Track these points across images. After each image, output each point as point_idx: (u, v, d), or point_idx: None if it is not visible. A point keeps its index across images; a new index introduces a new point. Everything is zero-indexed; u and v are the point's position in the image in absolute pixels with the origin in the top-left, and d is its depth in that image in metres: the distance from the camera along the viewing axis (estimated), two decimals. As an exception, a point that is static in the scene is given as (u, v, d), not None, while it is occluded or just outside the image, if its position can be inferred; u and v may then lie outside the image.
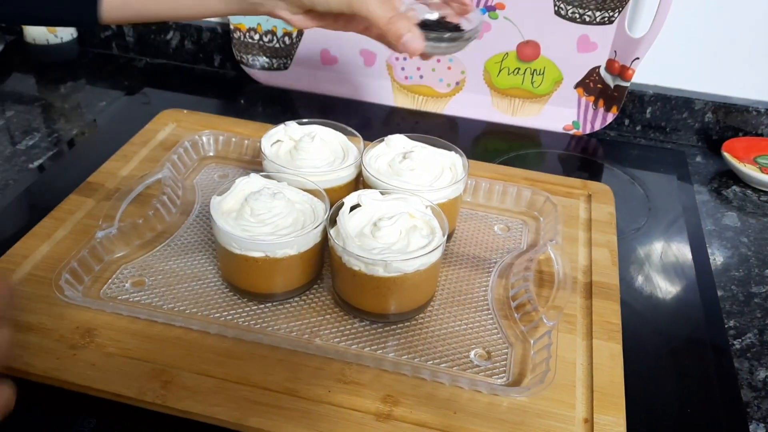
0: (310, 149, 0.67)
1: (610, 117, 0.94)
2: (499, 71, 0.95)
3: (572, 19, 0.89)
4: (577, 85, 0.95)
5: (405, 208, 0.59)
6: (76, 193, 0.71)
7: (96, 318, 0.57)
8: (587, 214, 0.75)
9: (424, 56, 0.58)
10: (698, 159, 0.93)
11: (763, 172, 0.86)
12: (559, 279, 0.62)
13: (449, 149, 0.69)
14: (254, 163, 0.80)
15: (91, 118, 0.92)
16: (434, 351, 0.57)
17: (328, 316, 0.59)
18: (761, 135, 0.94)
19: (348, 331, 0.58)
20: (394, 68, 0.98)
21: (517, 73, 0.95)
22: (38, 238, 0.65)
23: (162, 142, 0.82)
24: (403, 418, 0.50)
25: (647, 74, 0.95)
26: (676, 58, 0.93)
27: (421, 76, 0.98)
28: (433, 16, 0.60)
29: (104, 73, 1.05)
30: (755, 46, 0.90)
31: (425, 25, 0.56)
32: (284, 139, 0.70)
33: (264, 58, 1.01)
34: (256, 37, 1.00)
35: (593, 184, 0.79)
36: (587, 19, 0.88)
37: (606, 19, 0.88)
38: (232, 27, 0.99)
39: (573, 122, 0.97)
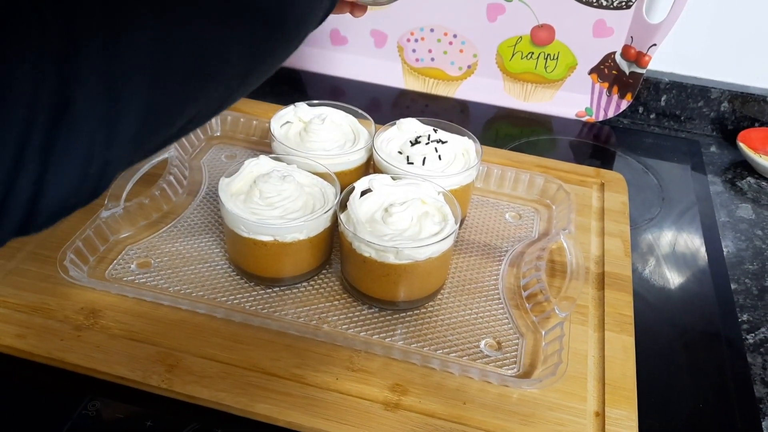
0: (320, 131, 0.65)
1: (624, 104, 0.92)
2: (512, 55, 0.93)
3: (589, 3, 0.87)
4: (591, 71, 0.93)
5: (417, 193, 0.58)
6: (81, 171, 0.70)
7: (101, 299, 0.56)
8: (600, 203, 0.74)
9: (358, 11, 0.54)
10: (713, 149, 0.92)
11: (779, 163, 0.85)
12: (572, 269, 0.61)
13: (462, 134, 0.67)
14: (262, 144, 0.79)
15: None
16: (444, 340, 0.56)
17: (336, 302, 0.58)
18: (778, 126, 0.92)
19: (356, 318, 0.57)
20: (405, 50, 0.97)
21: (531, 57, 0.93)
22: (43, 216, 0.64)
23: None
24: (412, 408, 0.50)
25: (663, 61, 0.93)
26: (694, 46, 0.91)
27: (432, 59, 0.96)
28: None
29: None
30: (775, 34, 0.88)
31: None
32: (294, 121, 0.68)
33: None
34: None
35: (606, 173, 0.78)
36: (604, 3, 0.86)
37: (623, 3, 0.86)
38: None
39: (586, 109, 0.95)
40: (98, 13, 0.20)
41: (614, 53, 0.90)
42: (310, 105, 0.70)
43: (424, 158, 0.63)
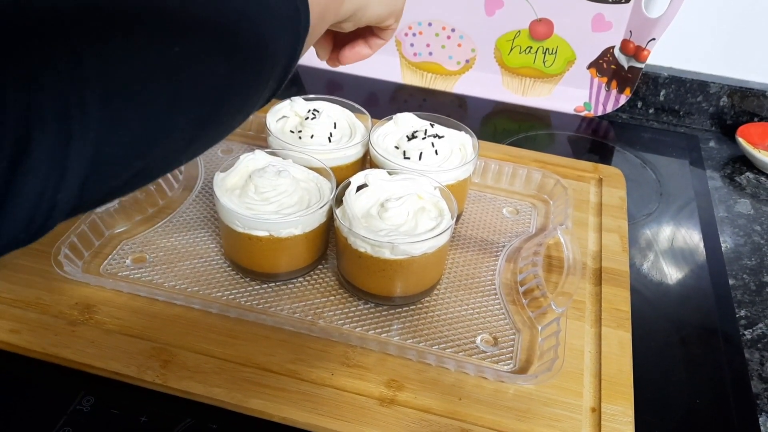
0: (316, 126, 0.65)
1: (623, 99, 0.92)
2: (511, 49, 0.93)
3: (588, -3, 0.86)
4: (590, 66, 0.92)
5: (413, 189, 0.57)
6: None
7: (96, 294, 0.56)
8: (598, 198, 0.73)
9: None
10: (711, 144, 0.92)
11: (778, 158, 0.84)
12: (569, 264, 0.61)
13: (459, 129, 0.67)
14: (258, 139, 0.78)
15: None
16: (440, 335, 0.55)
17: (332, 298, 0.58)
18: (777, 121, 0.92)
19: (352, 313, 0.57)
20: (402, 44, 0.96)
21: (529, 51, 0.93)
22: (37, 211, 0.63)
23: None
24: (407, 404, 0.50)
25: (662, 56, 0.93)
26: (693, 40, 0.91)
27: (431, 53, 0.96)
28: None
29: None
30: (775, 28, 0.88)
31: None
32: (290, 115, 0.68)
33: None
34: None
35: (604, 168, 0.78)
36: (603, -3, 0.86)
37: (622, -3, 0.85)
38: None
39: (584, 103, 0.95)
40: (62, 64, 0.20)
41: (613, 48, 0.90)
42: (306, 99, 0.69)
43: (421, 153, 0.62)
